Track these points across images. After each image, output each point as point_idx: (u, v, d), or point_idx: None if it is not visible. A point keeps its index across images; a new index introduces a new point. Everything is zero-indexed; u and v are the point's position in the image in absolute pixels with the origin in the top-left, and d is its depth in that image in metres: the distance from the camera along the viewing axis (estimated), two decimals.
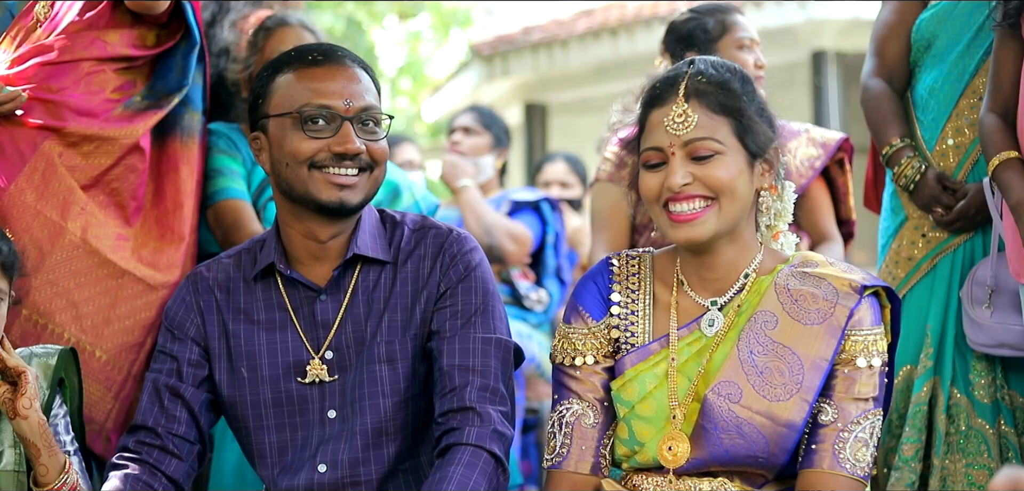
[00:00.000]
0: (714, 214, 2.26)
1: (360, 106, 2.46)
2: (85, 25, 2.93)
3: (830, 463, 2.23)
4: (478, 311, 2.48)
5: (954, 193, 3.09)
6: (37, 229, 2.80)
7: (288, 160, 2.45)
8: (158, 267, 2.96)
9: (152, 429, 2.51)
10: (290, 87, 2.46)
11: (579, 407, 2.37)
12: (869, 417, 2.25)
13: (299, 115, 2.44)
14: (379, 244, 2.53)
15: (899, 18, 3.24)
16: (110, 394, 2.90)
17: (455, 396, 2.42)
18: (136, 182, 2.97)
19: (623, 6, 10.51)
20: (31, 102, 2.83)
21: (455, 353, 2.45)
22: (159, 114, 2.98)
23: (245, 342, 2.52)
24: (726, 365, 2.28)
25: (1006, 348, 2.98)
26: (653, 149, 2.29)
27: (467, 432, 2.38)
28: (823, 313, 2.26)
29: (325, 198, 2.43)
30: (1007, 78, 2.88)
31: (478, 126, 5.43)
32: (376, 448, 2.47)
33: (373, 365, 2.47)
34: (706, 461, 2.29)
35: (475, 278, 2.50)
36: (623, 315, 2.38)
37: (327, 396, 2.49)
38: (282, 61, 2.51)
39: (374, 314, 2.50)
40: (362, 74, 2.49)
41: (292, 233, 2.51)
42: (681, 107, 2.26)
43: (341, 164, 2.44)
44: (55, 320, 2.82)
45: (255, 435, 2.52)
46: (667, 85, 2.31)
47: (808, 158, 3.70)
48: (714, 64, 2.33)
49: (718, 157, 2.25)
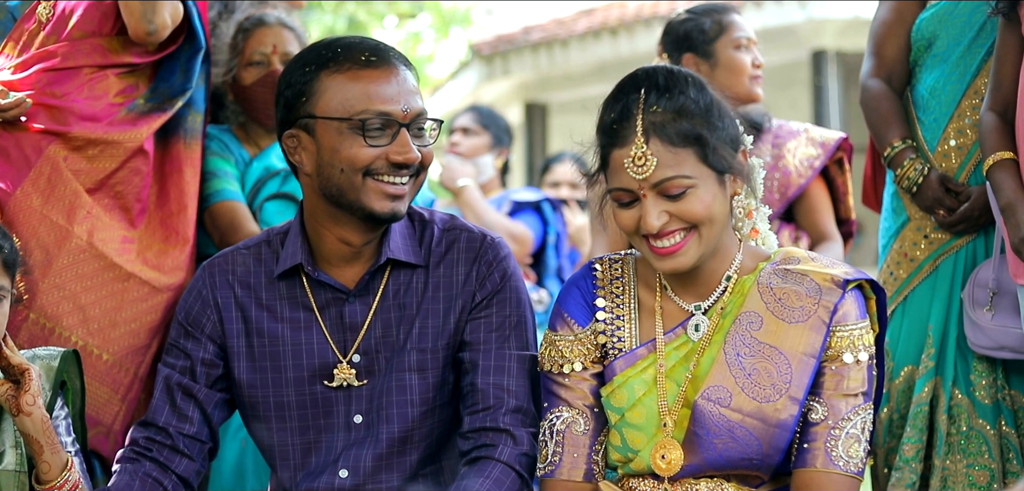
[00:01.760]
0: (695, 242, 2.23)
1: (416, 111, 2.39)
2: (88, 31, 2.94)
3: (823, 462, 2.22)
4: (513, 325, 2.45)
5: (957, 195, 3.08)
6: (44, 233, 2.80)
7: (343, 166, 2.35)
8: (163, 269, 2.96)
9: (163, 428, 2.48)
10: (343, 89, 2.36)
11: (569, 415, 2.35)
12: (859, 412, 2.24)
13: (360, 122, 2.34)
14: (411, 247, 2.47)
15: (897, 17, 3.23)
16: (117, 396, 2.90)
17: (489, 416, 2.39)
18: (140, 185, 2.97)
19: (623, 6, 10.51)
20: (36, 107, 2.84)
21: (490, 370, 2.41)
22: (163, 117, 2.98)
23: (269, 340, 2.47)
24: (714, 369, 2.26)
25: (1006, 351, 2.97)
26: (622, 189, 2.23)
27: (500, 450, 2.36)
28: (807, 310, 2.24)
29: (378, 208, 2.37)
30: (1008, 76, 2.88)
31: (476, 126, 5.43)
32: (400, 456, 2.44)
33: (403, 373, 2.43)
34: (701, 466, 2.27)
35: (510, 288, 2.47)
36: (609, 320, 2.36)
37: (354, 401, 2.45)
38: (328, 58, 2.39)
39: (405, 319, 2.45)
40: (410, 76, 2.42)
41: (325, 235, 2.44)
42: (641, 149, 2.19)
43: (398, 173, 2.37)
44: (62, 323, 2.82)
45: (277, 436, 2.48)
46: (623, 121, 2.22)
47: (807, 157, 3.70)
48: (666, 81, 2.24)
49: (690, 191, 2.20)
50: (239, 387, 2.49)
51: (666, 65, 2.30)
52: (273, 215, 3.31)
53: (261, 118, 3.39)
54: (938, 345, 3.11)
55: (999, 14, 2.87)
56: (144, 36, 2.91)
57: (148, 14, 2.89)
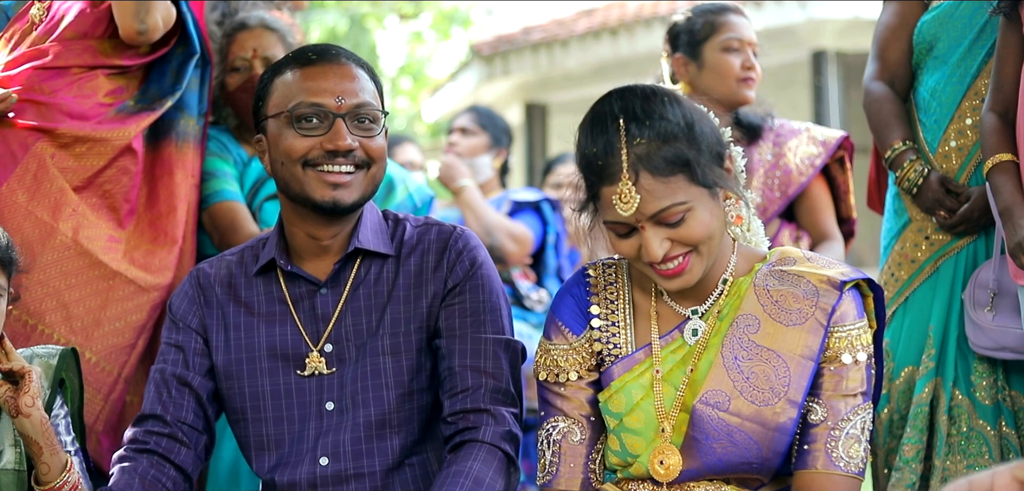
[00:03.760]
0: (697, 260, 2.22)
1: (353, 103, 2.45)
2: (80, 33, 2.94)
3: (824, 463, 2.21)
4: (486, 310, 2.48)
5: (957, 196, 3.08)
6: (28, 229, 2.80)
7: (283, 159, 2.45)
8: (150, 269, 2.96)
9: (160, 417, 2.50)
10: (286, 87, 2.46)
11: (565, 425, 2.35)
12: (859, 412, 2.23)
13: (291, 114, 2.43)
14: (381, 239, 2.53)
15: (900, 20, 3.24)
16: (99, 395, 2.90)
17: (468, 397, 2.42)
18: (129, 185, 2.97)
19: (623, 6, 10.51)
20: (23, 104, 2.83)
21: (467, 354, 2.45)
22: (152, 116, 2.98)
23: (244, 333, 2.52)
24: (712, 373, 2.25)
25: (1007, 351, 2.97)
26: (618, 223, 2.21)
27: (483, 431, 2.39)
28: (804, 313, 2.23)
29: (319, 197, 2.43)
30: (1008, 77, 2.88)
31: (475, 126, 5.43)
32: (380, 439, 2.46)
33: (376, 357, 2.47)
34: (700, 471, 2.27)
35: (481, 276, 2.50)
36: (604, 327, 2.35)
37: (325, 388, 2.48)
38: (282, 63, 2.51)
39: (376, 307, 2.50)
40: (358, 71, 2.48)
41: (295, 231, 2.52)
42: (628, 186, 2.16)
43: (334, 161, 2.43)
44: (45, 321, 2.82)
45: (252, 427, 2.51)
46: (607, 156, 2.18)
47: (808, 156, 3.70)
48: (644, 108, 2.20)
49: (688, 215, 2.18)
50: (218, 381, 2.54)
51: (640, 84, 2.27)
52: (272, 215, 3.31)
53: (247, 122, 3.41)
54: (939, 346, 3.11)
55: (1000, 14, 2.87)
56: (135, 36, 2.91)
57: (140, 14, 2.89)
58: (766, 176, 3.68)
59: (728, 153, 2.28)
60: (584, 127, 2.25)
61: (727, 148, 2.28)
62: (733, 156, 2.30)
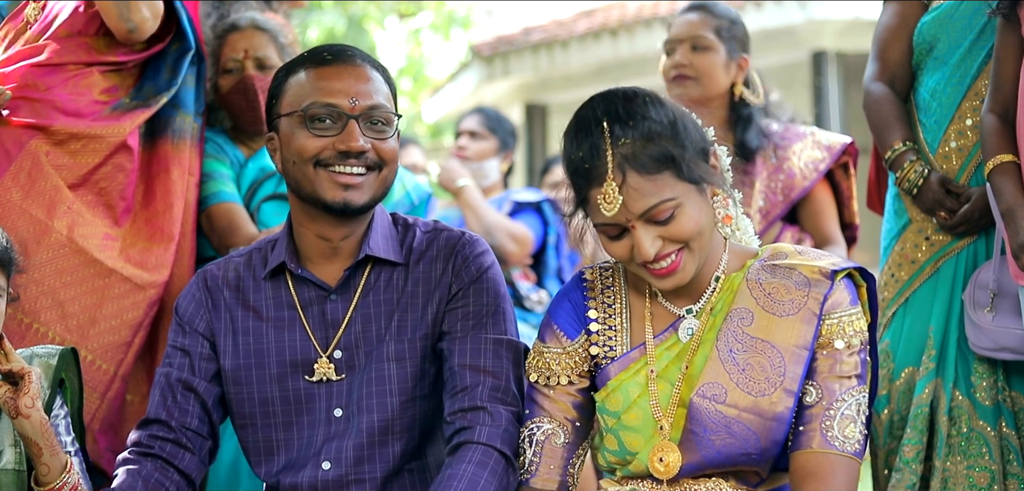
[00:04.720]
0: (689, 257, 2.24)
1: (367, 104, 2.44)
2: (74, 31, 2.94)
3: (820, 443, 2.22)
4: (489, 313, 2.48)
5: (957, 197, 3.08)
6: (23, 227, 2.80)
7: (294, 158, 2.44)
8: (146, 266, 2.96)
9: (165, 422, 2.50)
10: (300, 87, 2.46)
11: (550, 426, 2.37)
12: (854, 393, 2.25)
13: (304, 113, 2.43)
14: (391, 245, 2.53)
15: (900, 21, 3.24)
16: (96, 394, 2.90)
17: (466, 395, 2.42)
18: (125, 182, 2.97)
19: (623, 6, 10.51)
20: (18, 101, 2.83)
21: (466, 353, 2.45)
22: (147, 112, 2.98)
23: (253, 338, 2.51)
24: (708, 366, 2.27)
25: (1007, 352, 2.97)
26: (609, 225, 2.23)
27: (479, 431, 2.38)
28: (797, 303, 2.26)
29: (329, 198, 2.43)
30: (1008, 78, 2.88)
31: (484, 130, 5.42)
32: (382, 446, 2.46)
33: (382, 364, 2.47)
34: (700, 465, 2.28)
35: (486, 280, 2.50)
36: (602, 331, 2.37)
37: (334, 395, 2.48)
38: (297, 62, 2.51)
39: (384, 314, 2.49)
40: (373, 73, 2.48)
41: (305, 232, 2.51)
42: (612, 187, 2.19)
43: (346, 162, 2.43)
44: (40, 319, 2.81)
45: (262, 432, 2.51)
46: (594, 159, 2.21)
47: (812, 160, 3.70)
48: (626, 108, 2.23)
49: (677, 211, 2.20)
50: (225, 385, 2.53)
51: (621, 88, 2.29)
52: (271, 216, 3.31)
53: (241, 124, 3.41)
54: (939, 347, 3.11)
55: (999, 14, 2.87)
56: (125, 34, 2.91)
57: (124, 13, 2.89)
58: (769, 179, 3.68)
59: (713, 150, 2.30)
60: (569, 133, 2.28)
61: (711, 145, 2.30)
62: (718, 153, 2.31)
